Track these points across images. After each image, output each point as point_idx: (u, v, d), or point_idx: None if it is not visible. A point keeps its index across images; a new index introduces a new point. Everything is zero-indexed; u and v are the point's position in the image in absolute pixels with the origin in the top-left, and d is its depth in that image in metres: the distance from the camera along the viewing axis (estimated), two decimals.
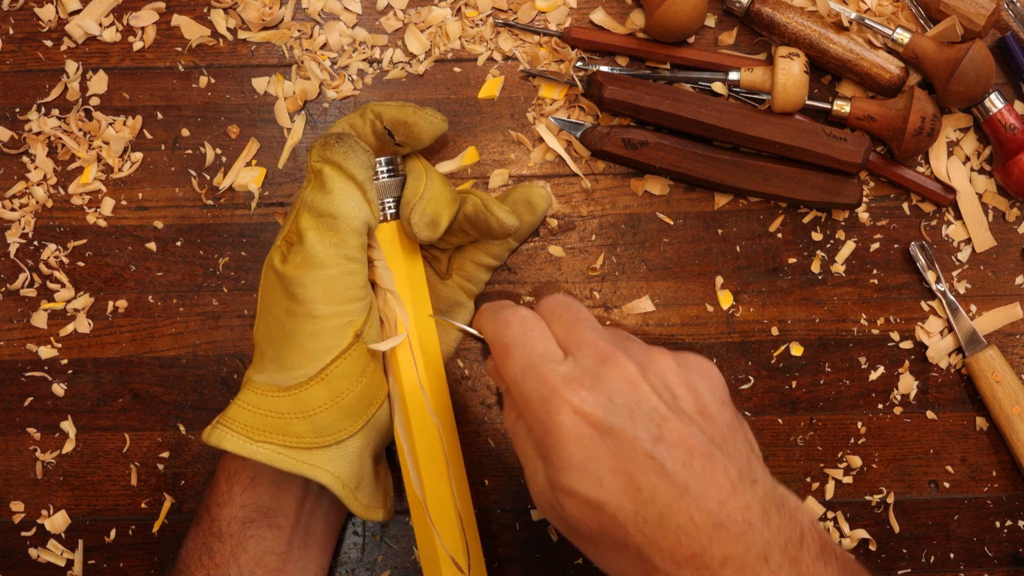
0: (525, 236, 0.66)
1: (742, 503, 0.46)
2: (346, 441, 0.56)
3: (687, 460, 0.47)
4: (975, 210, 0.67)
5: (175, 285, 0.67)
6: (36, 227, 0.67)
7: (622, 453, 0.47)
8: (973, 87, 0.63)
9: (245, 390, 0.57)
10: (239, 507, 0.58)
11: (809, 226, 0.67)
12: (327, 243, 0.55)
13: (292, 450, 0.55)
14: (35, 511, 0.67)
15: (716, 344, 0.67)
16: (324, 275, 0.55)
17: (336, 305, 0.55)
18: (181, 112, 0.67)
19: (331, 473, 0.56)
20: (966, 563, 0.66)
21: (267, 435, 0.55)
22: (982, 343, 0.66)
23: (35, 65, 0.68)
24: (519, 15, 0.67)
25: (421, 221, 0.58)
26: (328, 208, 0.55)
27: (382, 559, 0.66)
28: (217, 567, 0.57)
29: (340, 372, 0.56)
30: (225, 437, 0.55)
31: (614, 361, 0.50)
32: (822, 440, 0.67)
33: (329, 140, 0.56)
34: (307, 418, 0.55)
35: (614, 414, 0.48)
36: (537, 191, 0.64)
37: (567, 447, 0.48)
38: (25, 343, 0.67)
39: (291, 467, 0.55)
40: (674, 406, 0.49)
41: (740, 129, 0.64)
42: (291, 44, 0.67)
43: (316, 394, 0.55)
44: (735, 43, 0.68)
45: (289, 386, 0.55)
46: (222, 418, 0.56)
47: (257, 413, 0.55)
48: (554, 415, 0.48)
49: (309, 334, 0.55)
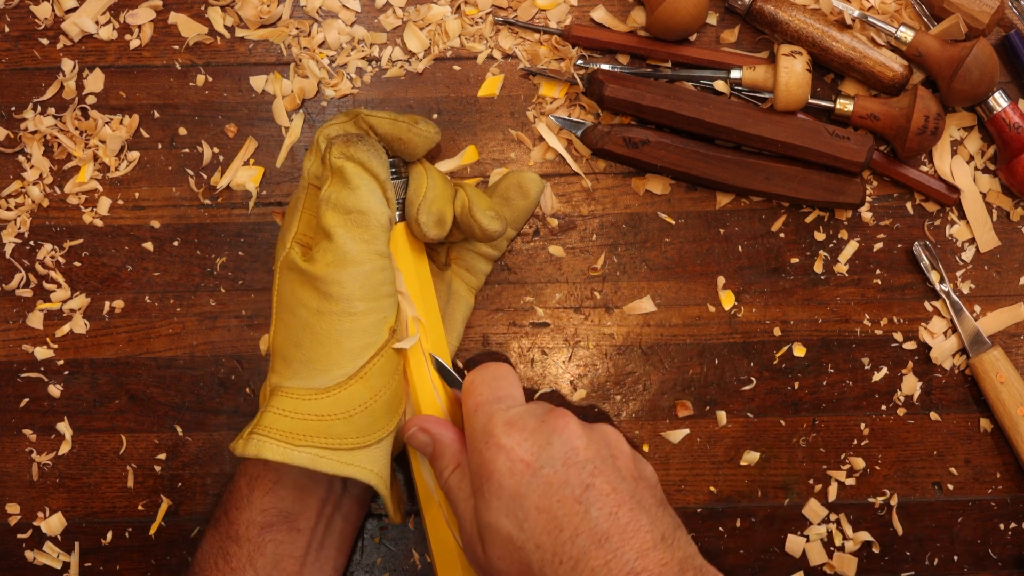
0: (521, 222, 0.65)
1: (660, 559, 0.48)
2: (384, 440, 0.57)
3: (613, 511, 0.49)
4: (979, 209, 0.67)
5: (172, 285, 0.67)
6: (32, 227, 0.67)
7: (550, 493, 0.50)
8: (977, 85, 0.63)
9: (278, 396, 0.55)
10: (259, 511, 0.57)
11: (812, 226, 0.67)
12: (358, 239, 0.55)
13: (335, 452, 0.54)
14: (31, 513, 0.66)
15: (718, 345, 0.66)
16: (359, 271, 0.55)
17: (372, 301, 0.55)
18: (178, 111, 0.67)
19: (375, 472, 0.56)
20: (970, 566, 0.66)
21: (308, 439, 0.54)
22: (986, 344, 0.65)
23: (31, 63, 0.67)
24: (519, 13, 0.67)
25: (429, 220, 0.58)
26: (356, 204, 0.55)
27: (381, 561, 0.66)
28: (232, 571, 0.56)
29: (378, 369, 0.56)
30: (264, 446, 0.53)
31: (560, 412, 0.53)
32: (825, 442, 0.66)
33: (351, 139, 0.56)
34: (348, 419, 0.55)
35: (549, 456, 0.51)
36: (528, 175, 0.64)
37: (498, 480, 0.51)
38: (21, 344, 0.66)
39: (335, 469, 0.54)
40: (611, 463, 0.52)
41: (742, 128, 0.64)
42: (289, 42, 0.67)
43: (356, 393, 0.55)
44: (737, 41, 0.67)
45: (328, 387, 0.55)
46: (257, 427, 0.54)
47: (296, 418, 0.54)
48: (492, 449, 0.52)
49: (347, 332, 0.55)
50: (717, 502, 0.66)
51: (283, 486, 0.57)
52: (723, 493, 0.66)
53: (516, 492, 0.50)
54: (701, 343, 0.67)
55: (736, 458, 0.66)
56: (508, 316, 0.67)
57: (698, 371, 0.66)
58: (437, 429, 0.57)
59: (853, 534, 0.66)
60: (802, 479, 0.66)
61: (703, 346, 0.67)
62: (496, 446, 0.52)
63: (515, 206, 0.64)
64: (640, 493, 0.51)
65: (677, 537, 0.51)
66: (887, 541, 0.66)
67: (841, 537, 0.66)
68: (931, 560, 0.66)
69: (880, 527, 0.66)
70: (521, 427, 0.52)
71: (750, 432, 0.66)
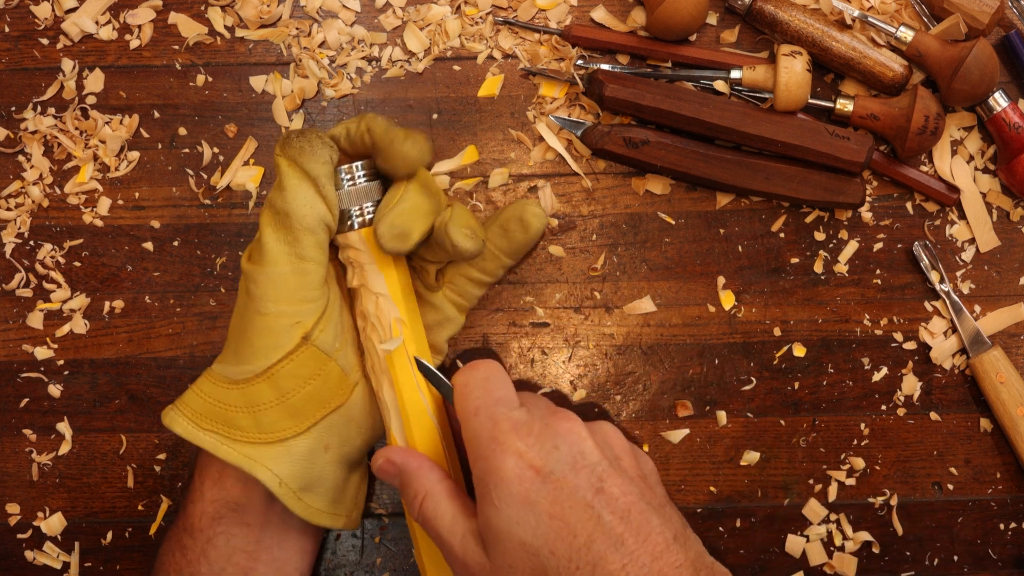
0: (521, 254, 0.64)
1: (675, 561, 0.48)
2: (290, 440, 0.56)
3: (625, 514, 0.49)
4: (979, 209, 0.67)
5: (172, 285, 0.66)
6: (32, 227, 0.67)
7: (561, 498, 0.49)
8: (977, 85, 0.63)
9: (203, 377, 0.57)
10: (209, 502, 0.58)
11: (812, 226, 0.67)
12: (280, 241, 0.55)
13: (235, 443, 0.55)
14: (31, 513, 0.66)
15: (718, 345, 0.66)
16: (274, 272, 0.55)
17: (284, 304, 0.55)
18: (178, 111, 0.67)
19: (269, 470, 0.55)
20: (970, 566, 0.66)
21: (213, 424, 0.56)
22: (986, 344, 0.65)
23: (31, 63, 0.67)
24: (519, 13, 0.67)
25: (388, 233, 0.56)
26: (282, 206, 0.55)
27: (381, 561, 0.66)
28: (188, 563, 0.57)
29: (286, 372, 0.56)
30: (176, 420, 0.56)
31: (563, 414, 0.53)
32: (825, 442, 0.66)
33: (290, 136, 0.55)
34: (251, 413, 0.56)
35: (557, 460, 0.50)
36: (532, 210, 0.62)
37: (507, 487, 0.50)
38: (21, 344, 0.66)
39: (232, 459, 0.55)
40: (616, 465, 0.52)
41: (742, 128, 0.64)
42: (289, 42, 0.67)
43: (261, 391, 0.56)
44: (737, 41, 0.67)
45: (237, 380, 0.56)
46: (178, 401, 0.57)
47: (207, 401, 0.56)
48: (499, 455, 0.51)
49: (257, 330, 0.55)
50: (717, 502, 0.66)
51: (227, 477, 0.58)
52: (723, 493, 0.66)
53: (527, 498, 0.49)
54: (701, 343, 0.67)
55: (736, 458, 0.66)
56: (508, 316, 0.67)
57: (698, 371, 0.66)
58: (402, 460, 0.56)
59: (853, 534, 0.66)
60: (802, 479, 0.66)
61: (703, 346, 0.67)
62: (504, 452, 0.51)
63: (513, 239, 0.62)
64: (647, 493, 0.51)
65: (687, 536, 0.51)
66: (887, 541, 0.66)
67: (841, 537, 0.66)
68: (931, 560, 0.66)
69: (880, 527, 0.66)
70: (527, 431, 0.51)
71: (750, 432, 0.66)
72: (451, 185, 0.67)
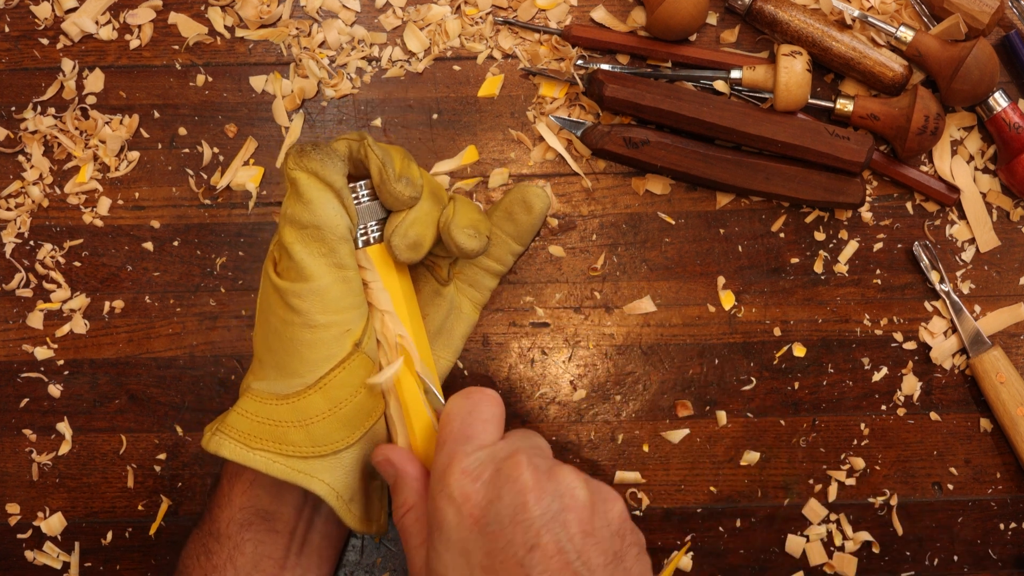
0: (528, 237, 0.65)
1: None
2: (342, 452, 0.56)
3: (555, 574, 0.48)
4: (979, 209, 0.67)
5: (172, 285, 0.66)
6: (32, 227, 0.67)
7: (495, 553, 0.49)
8: (977, 85, 0.63)
9: (244, 397, 0.56)
10: (238, 509, 0.58)
11: (812, 226, 0.67)
12: (315, 254, 0.54)
13: (288, 459, 0.55)
14: (31, 513, 0.66)
15: (718, 345, 0.66)
16: (317, 286, 0.54)
17: (333, 315, 0.55)
18: (178, 111, 0.67)
19: (326, 483, 0.55)
20: (970, 566, 0.66)
21: (264, 443, 0.55)
22: (986, 344, 0.65)
23: (31, 63, 0.67)
24: (519, 13, 0.67)
25: (402, 243, 0.57)
26: (311, 219, 0.54)
27: (381, 561, 0.66)
28: (214, 568, 0.57)
29: (338, 382, 0.55)
30: (223, 444, 0.55)
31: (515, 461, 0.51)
32: (825, 442, 0.66)
33: (305, 148, 0.55)
34: (304, 427, 0.55)
35: (496, 512, 0.49)
36: (533, 190, 0.63)
37: (447, 532, 0.50)
38: (21, 344, 0.66)
39: (286, 475, 0.55)
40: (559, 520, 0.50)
41: (742, 128, 0.64)
42: (289, 42, 0.67)
43: (314, 403, 0.55)
44: (737, 41, 0.67)
45: (287, 394, 0.55)
46: (221, 425, 0.56)
47: (255, 420, 0.55)
48: (444, 500, 0.50)
49: (307, 343, 0.55)
50: (717, 502, 0.66)
51: (260, 486, 0.58)
52: (723, 493, 0.66)
53: (463, 548, 0.49)
54: (701, 343, 0.67)
55: (736, 458, 0.66)
56: (508, 316, 0.67)
57: (698, 371, 0.66)
58: (402, 464, 0.56)
59: (853, 534, 0.66)
60: (802, 479, 0.66)
61: (703, 346, 0.67)
62: (448, 497, 0.50)
63: (519, 221, 0.63)
64: (587, 553, 0.49)
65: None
66: (887, 541, 0.66)
67: (841, 537, 0.66)
68: (931, 560, 0.66)
69: (880, 527, 0.66)
70: (475, 477, 0.51)
71: (750, 432, 0.66)
72: (451, 185, 0.67)
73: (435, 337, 0.63)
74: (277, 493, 0.58)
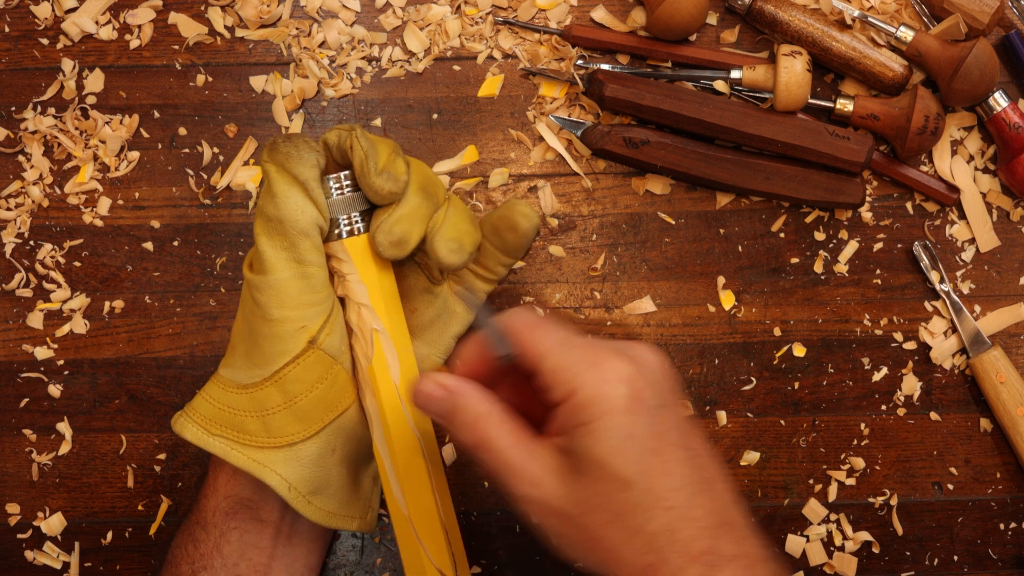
0: (519, 253, 0.63)
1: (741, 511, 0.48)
2: (298, 445, 0.56)
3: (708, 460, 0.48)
4: (979, 209, 0.66)
5: (172, 285, 0.66)
6: (32, 227, 0.67)
7: (662, 435, 0.47)
8: (977, 85, 0.63)
9: (211, 382, 0.57)
10: (223, 498, 0.58)
11: (812, 226, 0.67)
12: (276, 247, 0.55)
13: (245, 447, 0.56)
14: (31, 513, 0.66)
15: (718, 345, 0.66)
16: (275, 279, 0.55)
17: (288, 310, 0.55)
18: (178, 111, 0.67)
19: (278, 475, 0.55)
20: (970, 566, 0.66)
21: (223, 429, 0.56)
22: (986, 344, 0.65)
23: (31, 63, 0.67)
24: (519, 13, 0.67)
25: (386, 240, 0.56)
26: (274, 212, 0.54)
27: (381, 561, 0.66)
28: (201, 557, 0.57)
29: (292, 377, 0.56)
30: (186, 427, 0.56)
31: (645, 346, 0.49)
32: (825, 442, 0.66)
33: (277, 141, 0.55)
34: (260, 417, 0.56)
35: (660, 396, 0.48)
36: (520, 211, 0.61)
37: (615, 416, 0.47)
38: (21, 344, 0.66)
39: (242, 463, 0.55)
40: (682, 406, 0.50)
41: (742, 128, 0.64)
42: (289, 42, 0.67)
43: (269, 395, 0.56)
44: (737, 41, 0.67)
45: (247, 384, 0.56)
46: (187, 407, 0.57)
47: (216, 406, 0.56)
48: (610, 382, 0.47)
49: (265, 336, 0.55)
50: None
51: (241, 475, 0.58)
52: None
53: (631, 430, 0.47)
54: (701, 343, 0.67)
55: (736, 458, 0.66)
56: None
57: (698, 371, 0.66)
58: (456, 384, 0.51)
59: (853, 534, 0.66)
60: (802, 479, 0.66)
61: (703, 346, 0.66)
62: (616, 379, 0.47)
63: (506, 240, 0.62)
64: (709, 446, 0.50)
65: None
66: (887, 541, 0.66)
67: (841, 537, 0.66)
68: (931, 560, 0.66)
69: (880, 527, 0.66)
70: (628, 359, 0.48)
71: (750, 432, 0.66)
72: (451, 185, 0.67)
73: (423, 332, 0.62)
74: (258, 483, 0.58)
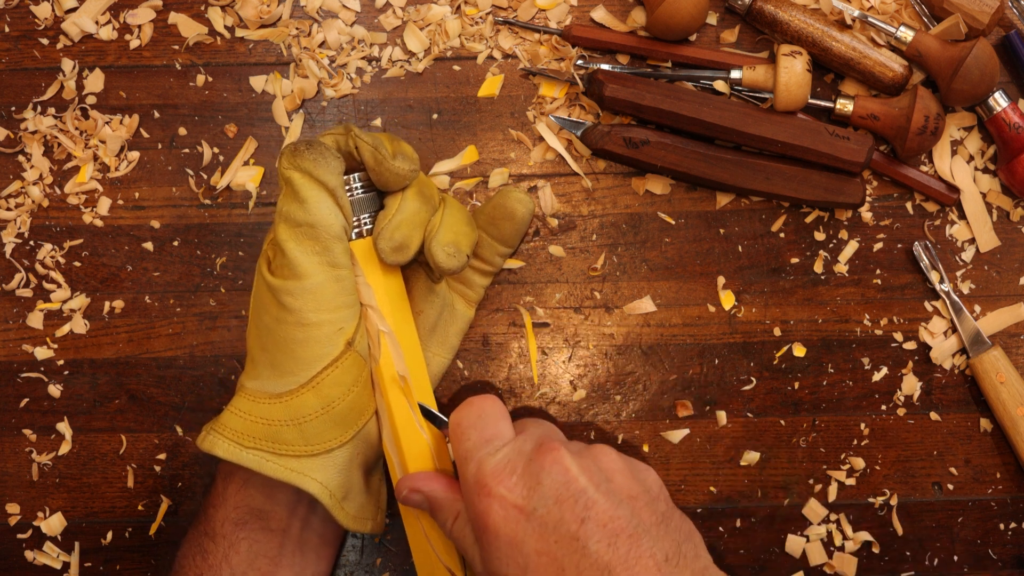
0: (515, 241, 0.64)
1: None
2: (335, 451, 0.56)
3: (612, 540, 0.49)
4: (979, 209, 0.67)
5: (172, 285, 0.66)
6: (32, 227, 0.67)
7: (546, 534, 0.49)
8: (977, 85, 0.63)
9: (238, 396, 0.57)
10: (232, 508, 0.58)
11: (812, 226, 0.67)
12: (309, 252, 0.55)
13: (281, 457, 0.55)
14: (31, 513, 0.66)
15: (718, 345, 0.66)
16: (310, 284, 0.55)
17: (326, 313, 0.55)
18: (178, 111, 0.67)
19: (318, 482, 0.56)
20: (970, 566, 0.66)
21: (257, 442, 0.55)
22: (986, 344, 0.65)
23: (31, 63, 0.67)
24: (519, 13, 0.67)
25: (387, 246, 0.57)
26: (305, 218, 0.55)
27: (381, 561, 0.66)
28: (210, 568, 0.57)
29: (331, 380, 0.55)
30: (217, 443, 0.55)
31: (549, 447, 0.52)
32: (825, 442, 0.66)
33: (299, 147, 0.55)
34: (297, 426, 0.55)
35: (540, 497, 0.50)
36: (515, 197, 0.63)
37: (494, 532, 0.50)
38: (21, 344, 0.66)
39: (279, 474, 0.55)
40: (604, 488, 0.51)
41: (742, 128, 0.64)
42: (289, 42, 0.67)
43: (307, 402, 0.55)
44: (737, 41, 0.67)
45: (280, 393, 0.56)
46: (215, 424, 0.56)
47: (248, 420, 0.56)
48: (484, 500, 0.51)
49: (300, 342, 0.55)
50: (717, 502, 0.66)
51: (252, 485, 0.58)
52: (723, 493, 0.66)
53: (513, 539, 0.50)
54: (701, 343, 0.67)
55: (736, 458, 0.66)
56: (508, 316, 0.67)
57: (698, 371, 0.66)
58: (429, 486, 0.57)
59: (853, 534, 0.66)
60: (802, 479, 0.66)
61: (703, 346, 0.66)
62: (488, 496, 0.51)
63: (502, 228, 0.63)
64: (639, 513, 0.50)
65: (683, 553, 0.50)
66: (887, 541, 0.66)
67: (841, 537, 0.66)
68: (931, 560, 0.66)
69: (880, 527, 0.66)
70: (510, 471, 0.52)
71: (750, 432, 0.66)
72: (451, 185, 0.67)
73: (430, 335, 0.63)
74: (270, 492, 0.58)
